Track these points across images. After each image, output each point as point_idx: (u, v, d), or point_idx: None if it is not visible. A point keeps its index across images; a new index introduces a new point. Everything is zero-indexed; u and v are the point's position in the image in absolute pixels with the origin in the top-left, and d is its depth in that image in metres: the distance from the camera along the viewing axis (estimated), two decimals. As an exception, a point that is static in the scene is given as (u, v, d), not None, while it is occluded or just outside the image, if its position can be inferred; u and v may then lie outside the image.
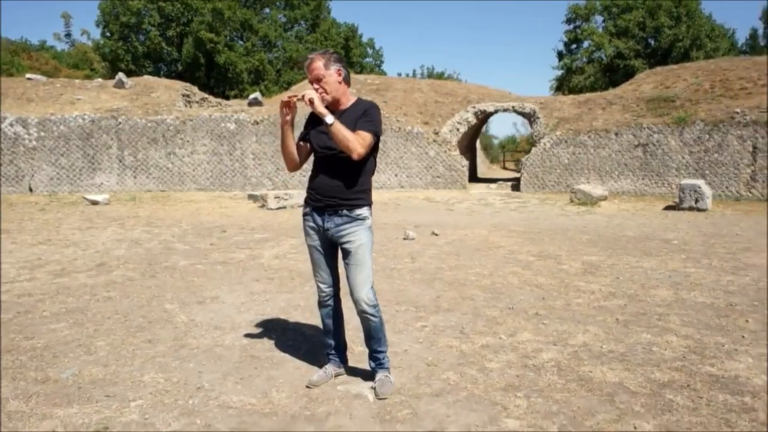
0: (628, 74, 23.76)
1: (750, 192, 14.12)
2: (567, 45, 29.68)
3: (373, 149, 3.02)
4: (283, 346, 3.82)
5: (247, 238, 8.32)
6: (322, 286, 3.20)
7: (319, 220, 3.06)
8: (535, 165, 17.27)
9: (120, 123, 16.57)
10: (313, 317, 4.52)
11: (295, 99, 2.90)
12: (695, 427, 2.69)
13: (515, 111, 19.77)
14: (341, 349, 3.35)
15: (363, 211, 3.03)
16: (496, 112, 19.96)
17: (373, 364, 3.19)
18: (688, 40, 24.24)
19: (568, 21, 29.51)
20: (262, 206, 12.31)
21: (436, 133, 17.93)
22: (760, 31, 25.75)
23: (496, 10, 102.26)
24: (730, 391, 3.10)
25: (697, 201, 11.96)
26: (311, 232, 3.12)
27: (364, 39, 35.11)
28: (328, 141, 2.97)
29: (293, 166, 3.11)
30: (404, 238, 8.31)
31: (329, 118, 2.82)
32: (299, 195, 12.83)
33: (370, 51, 35.33)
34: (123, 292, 5.20)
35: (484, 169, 29.31)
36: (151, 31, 28.79)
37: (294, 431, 2.67)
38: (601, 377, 3.28)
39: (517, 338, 3.98)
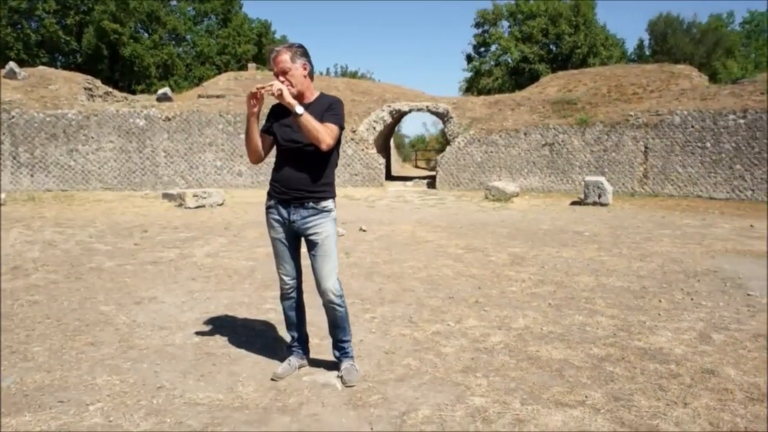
0: (533, 77, 25.18)
1: (643, 188, 15.47)
2: (476, 48, 30.98)
3: (337, 142, 3.07)
4: (236, 342, 3.78)
5: (172, 237, 8.01)
6: (285, 278, 3.22)
7: (284, 212, 3.08)
8: (450, 163, 17.86)
9: (13, 117, 15.25)
10: (259, 314, 4.51)
11: (263, 90, 2.90)
12: (636, 393, 3.00)
13: (429, 111, 20.32)
14: (303, 341, 3.38)
15: (328, 204, 3.09)
16: (410, 111, 20.41)
17: (337, 354, 3.25)
18: (585, 47, 26.18)
19: (477, 25, 30.84)
20: (180, 205, 11.84)
21: (354, 132, 18.07)
22: (646, 42, 28.43)
23: (408, 11, 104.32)
24: (658, 360, 3.47)
25: (600, 196, 12.95)
26: (276, 224, 3.13)
27: (278, 36, 34.50)
28: (293, 134, 3.00)
29: (257, 158, 3.10)
30: (335, 235, 8.35)
31: (299, 109, 2.84)
32: (218, 194, 12.49)
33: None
34: (49, 296, 4.87)
35: (397, 167, 29.83)
36: (46, 18, 26.58)
37: (270, 423, 2.68)
38: (548, 355, 3.55)
39: (464, 324, 4.19)
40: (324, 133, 2.89)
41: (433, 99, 21.13)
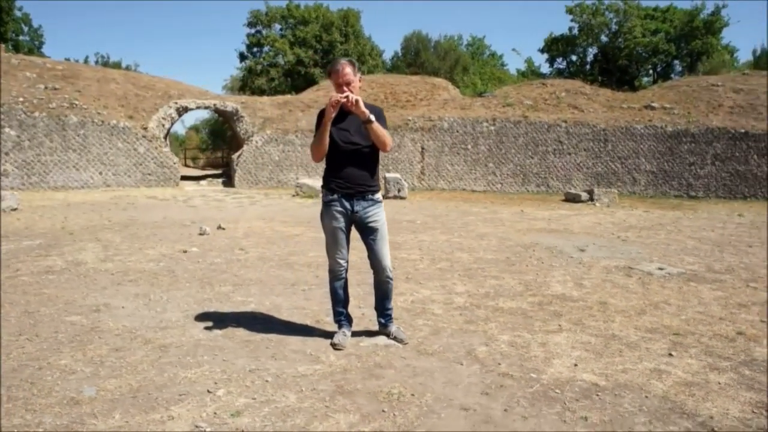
0: (308, 81, 26.62)
1: (421, 183, 18.08)
2: (249, 47, 31.09)
3: None
4: (260, 329, 4.05)
5: (18, 246, 6.99)
6: (341, 261, 3.76)
7: (347, 204, 3.63)
8: (248, 162, 18.10)
9: None
10: (238, 306, 4.73)
11: (342, 99, 3.42)
12: (582, 319, 4.37)
13: (216, 109, 20.13)
14: (348, 315, 3.93)
15: (379, 196, 3.75)
16: (197, 108, 19.93)
17: (383, 320, 3.91)
18: (355, 55, 28.66)
19: (250, 24, 30.98)
20: (-38, 212, 9.89)
21: (145, 129, 16.97)
22: (400, 54, 32.57)
23: (181, 9, 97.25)
24: (570, 301, 4.95)
25: (399, 191, 14.89)
26: (338, 215, 3.65)
27: (19, 13, 28.88)
28: (351, 137, 3.59)
29: (322, 157, 3.61)
30: (200, 234, 8.33)
31: (372, 117, 3.47)
32: (12, 197, 10.80)
33: (26, 28, 29.25)
34: (-19, 315, 4.21)
35: (167, 166, 28.26)
36: None
37: (384, 376, 3.26)
38: (506, 306, 4.74)
39: (422, 294, 5.12)
40: (389, 138, 3.56)
41: (220, 98, 20.92)
